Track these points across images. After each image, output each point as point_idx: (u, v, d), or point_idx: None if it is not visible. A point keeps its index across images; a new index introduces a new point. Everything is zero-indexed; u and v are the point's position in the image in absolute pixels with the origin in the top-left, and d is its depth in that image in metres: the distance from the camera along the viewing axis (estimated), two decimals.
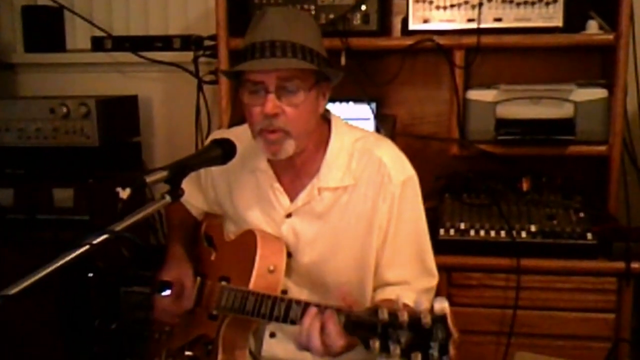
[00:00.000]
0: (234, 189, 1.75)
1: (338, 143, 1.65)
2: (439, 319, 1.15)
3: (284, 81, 1.51)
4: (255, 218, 1.71)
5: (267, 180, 1.69)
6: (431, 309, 1.15)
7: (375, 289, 1.67)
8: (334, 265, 1.66)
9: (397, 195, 1.61)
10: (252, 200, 1.72)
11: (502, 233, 2.17)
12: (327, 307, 1.39)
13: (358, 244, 1.64)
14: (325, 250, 1.65)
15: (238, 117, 2.24)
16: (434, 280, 1.70)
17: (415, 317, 1.16)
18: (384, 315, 1.21)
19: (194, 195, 1.85)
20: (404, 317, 1.18)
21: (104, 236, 1.30)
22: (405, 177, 1.63)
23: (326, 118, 1.69)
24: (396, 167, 1.63)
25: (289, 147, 1.55)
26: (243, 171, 1.72)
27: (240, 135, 1.67)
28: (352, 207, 1.63)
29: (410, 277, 1.66)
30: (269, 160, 1.67)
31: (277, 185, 1.68)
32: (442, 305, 1.16)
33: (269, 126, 1.53)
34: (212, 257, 1.82)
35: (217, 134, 1.85)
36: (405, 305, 1.20)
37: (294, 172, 1.67)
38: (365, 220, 1.63)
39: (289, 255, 1.66)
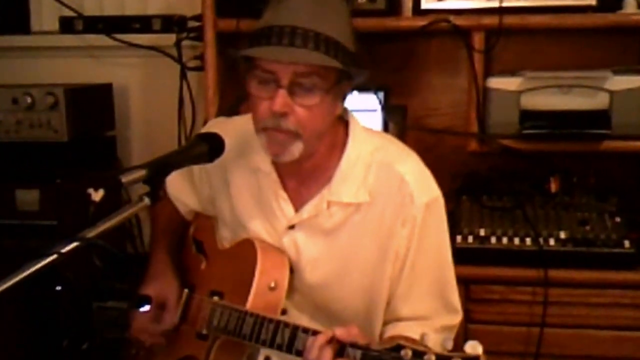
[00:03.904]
0: (231, 187, 1.73)
1: (355, 151, 1.62)
2: None
3: (300, 76, 1.47)
4: (255, 224, 1.69)
5: (270, 185, 1.67)
6: (463, 352, 1.16)
7: (385, 324, 1.65)
8: (340, 292, 1.65)
9: (419, 219, 1.59)
10: (252, 204, 1.70)
11: (528, 240, 2.17)
12: (339, 340, 1.37)
13: (369, 270, 1.62)
14: (331, 274, 1.64)
15: (226, 109, 2.24)
16: (456, 318, 1.68)
17: None
18: (407, 354, 1.21)
19: (186, 192, 1.84)
20: (431, 358, 1.19)
21: (74, 244, 1.30)
22: (429, 199, 1.61)
23: (342, 118, 1.65)
24: (420, 186, 1.60)
25: (295, 150, 1.53)
26: (243, 168, 1.71)
27: (242, 125, 1.66)
28: (365, 228, 1.61)
29: (428, 312, 1.64)
30: (273, 162, 1.65)
31: (281, 192, 1.66)
32: (476, 348, 1.16)
33: (276, 126, 1.50)
34: (202, 266, 1.81)
35: (215, 123, 1.85)
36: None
37: (301, 178, 1.65)
38: (380, 244, 1.61)
39: (290, 271, 1.65)
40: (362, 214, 1.61)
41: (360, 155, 1.62)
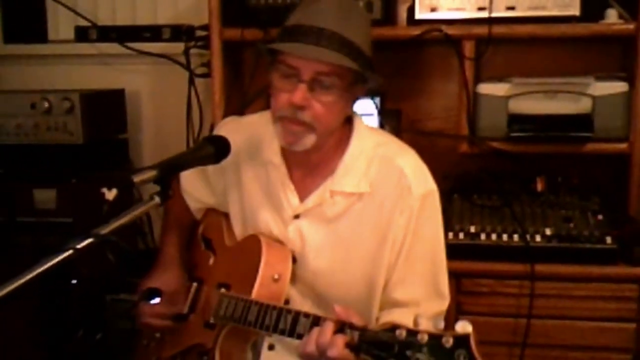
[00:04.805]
0: (243, 180, 1.76)
1: (358, 146, 1.65)
2: (462, 342, 1.16)
3: (321, 74, 1.51)
4: (264, 215, 1.72)
5: (278, 177, 1.69)
6: (453, 330, 1.17)
7: (381, 309, 1.67)
8: (342, 278, 1.66)
9: (415, 209, 1.61)
10: (261, 195, 1.73)
11: (515, 237, 2.18)
12: (342, 322, 1.38)
13: (369, 257, 1.64)
14: (334, 261, 1.66)
15: (232, 113, 2.25)
16: (444, 304, 1.70)
17: (435, 338, 1.18)
18: (401, 334, 1.22)
19: (200, 188, 1.86)
20: (424, 337, 1.20)
21: (89, 240, 1.31)
22: (426, 191, 1.64)
23: (348, 117, 1.68)
24: (418, 179, 1.63)
25: (308, 141, 1.56)
26: (255, 162, 1.73)
27: (255, 123, 1.70)
28: (366, 217, 1.63)
29: (420, 296, 1.65)
30: (283, 155, 1.68)
31: (288, 182, 1.68)
32: (465, 327, 1.17)
33: (293, 117, 1.53)
34: (210, 262, 1.83)
35: (228, 121, 1.88)
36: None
37: (308, 169, 1.67)
38: (379, 232, 1.62)
39: (294, 260, 1.67)
40: (363, 203, 1.64)
41: (363, 150, 1.65)
